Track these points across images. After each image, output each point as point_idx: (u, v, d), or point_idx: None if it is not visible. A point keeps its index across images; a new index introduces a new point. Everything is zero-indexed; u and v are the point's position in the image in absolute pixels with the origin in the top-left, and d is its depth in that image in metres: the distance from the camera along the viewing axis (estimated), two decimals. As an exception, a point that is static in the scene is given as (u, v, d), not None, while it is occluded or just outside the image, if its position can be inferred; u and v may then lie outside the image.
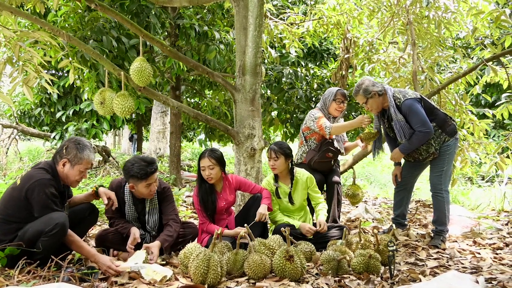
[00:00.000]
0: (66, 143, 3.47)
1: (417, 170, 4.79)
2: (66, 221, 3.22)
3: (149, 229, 4.04)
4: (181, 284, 3.15)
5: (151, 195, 3.90)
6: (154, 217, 4.03)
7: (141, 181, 3.75)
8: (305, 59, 10.07)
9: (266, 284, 3.17)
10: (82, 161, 3.43)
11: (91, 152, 3.50)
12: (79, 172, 3.45)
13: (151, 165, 3.77)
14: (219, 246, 3.62)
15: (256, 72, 4.86)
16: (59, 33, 4.18)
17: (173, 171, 9.17)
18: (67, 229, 3.23)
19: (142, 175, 3.73)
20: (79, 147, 3.43)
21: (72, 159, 3.41)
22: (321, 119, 4.81)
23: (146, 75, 4.18)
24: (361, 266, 3.43)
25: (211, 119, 4.82)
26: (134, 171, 3.72)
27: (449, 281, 2.66)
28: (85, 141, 3.53)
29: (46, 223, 3.15)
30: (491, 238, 4.75)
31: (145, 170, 3.73)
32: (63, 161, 3.41)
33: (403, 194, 4.82)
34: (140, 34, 4.34)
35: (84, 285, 2.87)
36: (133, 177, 3.74)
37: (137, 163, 3.76)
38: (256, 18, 4.74)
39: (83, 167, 3.46)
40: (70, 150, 3.42)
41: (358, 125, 4.68)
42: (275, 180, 4.46)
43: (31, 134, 10.22)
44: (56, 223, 3.14)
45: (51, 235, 3.13)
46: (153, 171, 3.77)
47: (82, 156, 3.43)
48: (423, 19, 6.41)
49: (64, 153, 3.42)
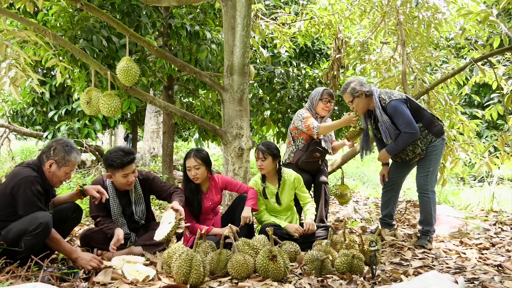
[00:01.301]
0: (53, 144, 3.47)
1: (405, 171, 4.79)
2: (50, 221, 3.21)
3: (137, 219, 4.08)
4: (164, 284, 3.14)
5: (129, 186, 3.96)
6: (141, 206, 4.11)
7: (118, 171, 3.83)
8: (297, 59, 10.07)
9: (249, 284, 3.16)
10: (69, 163, 3.44)
11: (78, 154, 3.52)
12: (64, 173, 3.46)
13: (128, 155, 3.84)
14: (203, 246, 3.62)
15: (244, 72, 4.85)
16: (45, 32, 4.17)
17: (166, 170, 9.17)
18: (50, 229, 3.23)
19: (119, 164, 3.79)
20: (66, 149, 3.43)
21: (60, 160, 3.41)
22: (308, 119, 4.81)
23: (132, 74, 4.18)
24: (344, 266, 3.43)
25: (199, 119, 4.82)
26: (111, 160, 3.80)
27: (428, 281, 2.66)
28: (72, 143, 3.54)
29: (30, 222, 3.14)
30: (478, 238, 4.76)
31: (121, 160, 3.80)
32: (49, 162, 3.40)
33: (390, 195, 4.82)
34: (127, 33, 4.33)
35: (63, 285, 2.86)
36: (110, 166, 3.83)
37: (115, 152, 3.85)
38: (244, 18, 4.74)
39: (69, 169, 3.47)
40: (57, 152, 3.42)
41: (345, 124, 4.69)
42: (263, 180, 4.45)
43: (24, 133, 10.20)
44: (40, 222, 3.13)
45: (34, 235, 3.12)
46: (129, 161, 3.83)
47: (70, 158, 3.43)
48: (413, 20, 6.41)
49: (52, 154, 3.41)
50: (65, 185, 7.22)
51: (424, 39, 6.45)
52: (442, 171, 6.01)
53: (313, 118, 4.84)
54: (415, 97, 5.32)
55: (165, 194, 4.15)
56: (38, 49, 6.18)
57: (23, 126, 11.34)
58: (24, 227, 3.14)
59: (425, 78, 6.10)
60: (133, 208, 4.05)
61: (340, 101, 8.65)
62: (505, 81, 5.68)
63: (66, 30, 6.27)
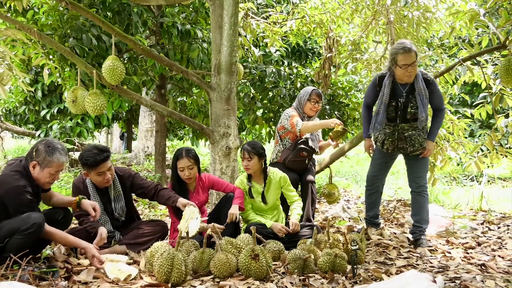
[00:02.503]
0: (36, 145, 3.42)
1: (389, 167, 4.73)
2: (43, 223, 3.22)
3: (117, 216, 4.08)
4: (145, 282, 3.15)
5: (107, 183, 3.94)
6: (120, 203, 4.10)
7: (93, 169, 3.81)
8: (289, 58, 10.07)
9: (230, 283, 3.16)
10: (52, 164, 3.36)
11: (61, 154, 3.42)
12: (49, 174, 3.39)
13: (101, 153, 3.81)
14: (186, 245, 3.62)
15: (231, 71, 4.85)
16: (30, 30, 4.16)
17: (159, 169, 9.17)
18: (42, 231, 3.23)
19: (92, 163, 3.77)
20: (48, 150, 3.36)
21: (42, 161, 3.34)
22: (294, 117, 4.82)
23: (118, 73, 4.18)
24: (327, 265, 3.43)
25: (185, 118, 4.82)
26: (85, 159, 3.78)
27: (406, 280, 2.67)
28: (56, 143, 3.45)
29: (24, 221, 3.14)
30: (465, 237, 4.77)
31: (94, 158, 3.77)
32: (33, 163, 3.36)
33: (376, 196, 4.76)
34: (112, 32, 4.33)
35: (42, 284, 2.85)
36: (84, 164, 3.81)
37: (89, 151, 3.81)
38: (231, 16, 4.74)
39: (53, 170, 3.40)
40: (39, 153, 3.35)
41: (328, 125, 4.69)
42: (249, 180, 4.45)
43: (16, 132, 10.19)
44: (34, 223, 3.14)
45: (26, 234, 3.12)
46: (103, 159, 3.80)
47: (52, 159, 3.35)
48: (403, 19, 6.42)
49: (34, 156, 3.36)
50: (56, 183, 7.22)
51: (414, 38, 6.46)
52: (432, 170, 6.02)
53: (298, 117, 4.85)
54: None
55: (146, 191, 4.15)
56: (28, 47, 6.17)
57: (16, 125, 11.33)
58: (16, 225, 3.13)
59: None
60: (112, 204, 4.04)
61: (331, 101, 8.66)
62: (493, 80, 5.68)
63: (56, 29, 6.26)
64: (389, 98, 4.23)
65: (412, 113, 4.20)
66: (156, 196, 4.14)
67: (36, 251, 3.45)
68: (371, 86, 4.41)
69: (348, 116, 8.69)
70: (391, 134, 4.33)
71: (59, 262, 3.47)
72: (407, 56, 4.02)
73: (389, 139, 4.35)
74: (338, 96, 8.79)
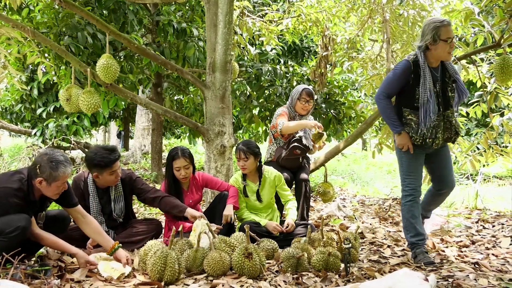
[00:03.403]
0: (39, 161, 3.29)
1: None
2: (27, 224, 3.15)
3: (115, 217, 4.07)
4: (138, 281, 3.14)
5: (115, 182, 3.97)
6: (120, 204, 4.09)
7: (105, 169, 3.81)
8: (285, 57, 10.07)
9: (224, 281, 3.16)
10: (58, 178, 3.26)
11: (66, 166, 3.31)
12: (56, 187, 3.30)
13: (113, 153, 3.84)
14: (180, 244, 3.62)
15: (226, 69, 4.85)
16: (24, 29, 4.15)
17: (155, 168, 9.18)
18: (27, 233, 3.18)
19: (107, 163, 3.79)
20: (52, 166, 3.24)
21: (48, 177, 3.24)
22: (280, 116, 4.85)
23: (112, 71, 4.18)
24: (320, 264, 3.43)
25: (180, 116, 4.82)
26: (98, 160, 3.77)
27: (398, 278, 2.67)
28: (58, 156, 3.32)
29: (7, 224, 3.09)
30: (460, 236, 4.78)
31: (108, 158, 3.79)
32: (38, 179, 3.25)
33: (418, 207, 4.00)
34: (107, 30, 4.33)
35: (34, 283, 2.85)
36: (96, 166, 3.79)
37: (100, 152, 3.82)
38: (226, 15, 4.73)
39: (60, 183, 3.30)
40: (43, 169, 3.24)
41: (308, 126, 4.68)
42: (243, 178, 4.45)
43: (12, 130, 10.18)
44: (18, 225, 3.08)
45: (10, 237, 3.07)
46: (116, 158, 3.84)
47: (57, 174, 3.25)
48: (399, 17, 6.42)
49: (39, 172, 3.25)
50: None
51: (410, 37, 6.47)
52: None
53: (285, 117, 4.85)
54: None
55: (146, 196, 4.12)
56: (23, 46, 6.16)
57: (12, 123, 11.31)
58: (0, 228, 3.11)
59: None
60: (112, 205, 4.04)
61: (327, 99, 8.66)
62: (488, 79, 5.69)
63: (51, 27, 6.25)
64: (435, 84, 3.73)
65: (452, 97, 3.81)
66: (159, 203, 4.07)
67: (33, 251, 3.44)
68: (402, 73, 3.75)
69: (344, 115, 8.70)
70: (438, 125, 3.75)
71: (52, 261, 3.47)
72: (449, 29, 3.64)
73: (439, 130, 3.75)
74: (334, 94, 8.79)
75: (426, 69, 3.66)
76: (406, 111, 3.78)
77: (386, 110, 3.83)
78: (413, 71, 3.71)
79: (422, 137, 3.71)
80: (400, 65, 3.80)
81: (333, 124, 8.64)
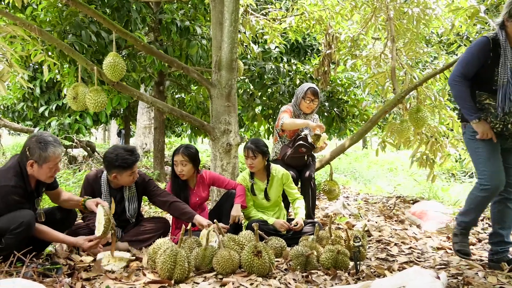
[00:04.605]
0: (28, 144, 3.30)
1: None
2: (32, 220, 3.18)
3: (128, 217, 4.06)
4: (148, 279, 3.14)
5: (132, 182, 3.98)
6: (134, 204, 4.08)
7: (126, 171, 3.82)
8: (288, 55, 10.07)
9: (233, 279, 3.17)
10: (49, 158, 3.27)
11: (55, 146, 3.31)
12: (49, 169, 3.32)
13: (133, 154, 3.85)
14: (189, 242, 3.62)
15: (232, 68, 4.84)
16: (30, 27, 4.14)
17: (157, 166, 9.17)
18: (33, 228, 3.20)
19: (130, 164, 3.80)
20: (41, 146, 3.25)
21: (38, 159, 3.25)
22: (284, 113, 4.88)
23: (119, 70, 4.16)
24: (329, 262, 3.44)
25: (186, 115, 4.81)
26: (119, 162, 3.77)
27: (409, 276, 2.67)
28: (46, 136, 3.33)
29: (11, 221, 3.10)
30: (465, 233, 4.78)
31: (130, 160, 3.80)
32: (29, 162, 3.26)
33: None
34: (113, 29, 4.31)
35: (46, 281, 2.85)
36: (118, 167, 3.79)
37: (120, 153, 3.80)
38: (232, 13, 4.72)
39: (52, 164, 3.31)
40: (33, 151, 3.25)
41: (310, 127, 4.76)
42: (251, 177, 4.45)
43: (14, 129, 10.16)
44: (22, 221, 3.10)
45: (16, 233, 3.09)
46: (137, 160, 3.86)
47: (47, 154, 3.25)
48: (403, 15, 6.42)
49: (29, 155, 3.26)
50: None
51: (414, 35, 6.46)
52: (432, 167, 6.03)
53: (288, 114, 4.87)
54: (404, 93, 5.32)
55: (156, 199, 4.11)
56: (27, 44, 6.15)
57: (14, 122, 11.29)
58: (5, 225, 3.10)
59: (414, 74, 6.11)
60: (126, 205, 4.02)
61: (331, 97, 8.66)
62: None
63: (55, 25, 6.23)
64: None
65: None
66: (169, 208, 4.06)
67: (40, 249, 3.44)
68: (480, 51, 3.39)
69: (347, 113, 8.70)
70: None
71: (61, 259, 3.47)
72: None
73: None
74: (337, 92, 8.80)
75: (508, 47, 3.32)
76: (483, 95, 3.43)
77: (462, 94, 3.44)
78: (492, 49, 3.35)
79: (503, 122, 3.34)
80: (477, 43, 3.44)
81: (336, 122, 8.65)
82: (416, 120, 5.02)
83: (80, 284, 2.91)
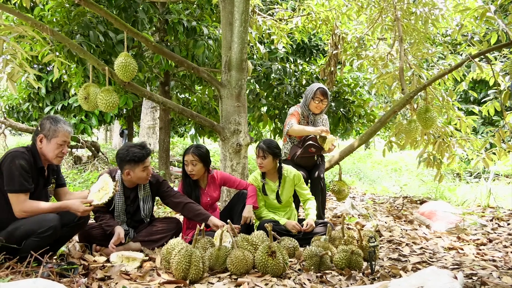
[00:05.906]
0: (41, 121, 3.46)
1: None
2: (58, 225, 3.21)
3: (143, 217, 4.07)
4: (163, 279, 3.14)
5: (147, 179, 3.98)
6: (149, 204, 4.10)
7: (139, 165, 3.84)
8: (294, 55, 10.07)
9: (248, 279, 3.16)
10: (58, 133, 3.39)
11: (66, 125, 3.47)
12: (57, 145, 3.39)
13: (144, 148, 3.89)
14: (202, 242, 3.62)
15: (242, 68, 4.85)
16: (42, 27, 4.14)
17: (163, 166, 9.17)
18: (59, 233, 3.23)
19: (140, 158, 3.82)
20: (52, 122, 3.41)
21: (47, 133, 3.38)
22: (291, 116, 4.90)
23: (130, 70, 4.16)
24: (343, 262, 3.44)
25: (197, 115, 4.81)
26: (131, 156, 3.80)
27: (427, 277, 2.67)
28: (59, 116, 3.52)
29: (39, 224, 3.12)
30: (475, 234, 4.78)
31: (141, 153, 3.83)
32: (39, 137, 3.38)
33: None
34: (125, 29, 4.31)
35: (63, 281, 2.85)
36: (130, 162, 3.82)
37: (131, 149, 3.85)
38: (242, 13, 4.73)
39: (60, 139, 3.40)
40: (44, 126, 3.40)
41: (315, 133, 4.75)
42: (262, 177, 4.46)
43: (19, 129, 10.15)
44: (50, 226, 3.13)
45: (42, 237, 3.11)
46: (148, 153, 3.89)
47: (57, 128, 3.39)
48: (410, 15, 6.41)
49: (40, 130, 3.40)
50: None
51: (421, 35, 6.45)
52: (439, 167, 6.03)
53: (295, 118, 4.88)
54: (413, 93, 5.31)
55: (170, 200, 4.12)
56: (35, 44, 6.15)
57: (19, 122, 11.29)
58: (32, 227, 3.11)
59: (422, 74, 6.10)
60: (141, 205, 4.03)
61: (337, 98, 8.66)
62: (502, 77, 5.69)
63: (63, 26, 6.24)
64: None
65: None
66: (182, 209, 4.07)
67: (54, 249, 3.44)
68: None
69: (353, 113, 8.69)
70: None
71: (75, 259, 3.47)
72: None
73: None
74: (344, 93, 8.79)
75: None
76: None
77: None
78: None
79: None
80: None
81: (343, 122, 8.64)
82: (425, 120, 5.01)
83: (97, 285, 2.91)
